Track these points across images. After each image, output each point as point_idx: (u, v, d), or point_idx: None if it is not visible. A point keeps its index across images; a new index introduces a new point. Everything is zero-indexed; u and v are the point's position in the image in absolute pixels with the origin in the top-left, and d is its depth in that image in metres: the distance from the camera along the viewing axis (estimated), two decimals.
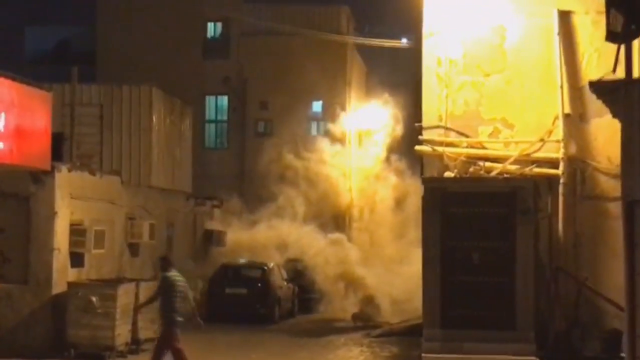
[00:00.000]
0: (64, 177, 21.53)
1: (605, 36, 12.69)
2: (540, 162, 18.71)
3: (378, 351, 23.20)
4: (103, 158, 26.94)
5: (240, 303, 29.20)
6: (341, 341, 25.29)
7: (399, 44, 36.41)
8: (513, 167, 18.67)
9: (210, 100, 42.55)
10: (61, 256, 21.33)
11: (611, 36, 12.60)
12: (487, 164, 18.76)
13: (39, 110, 20.00)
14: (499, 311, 17.30)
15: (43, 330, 20.74)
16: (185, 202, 31.14)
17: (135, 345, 21.33)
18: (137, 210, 26.36)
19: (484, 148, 19.02)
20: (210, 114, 42.59)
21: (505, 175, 18.49)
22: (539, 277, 17.82)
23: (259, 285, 29.79)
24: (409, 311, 27.05)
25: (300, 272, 33.35)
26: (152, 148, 27.62)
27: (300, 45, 40.34)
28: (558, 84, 18.71)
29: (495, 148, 19.00)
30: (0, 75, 18.46)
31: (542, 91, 18.91)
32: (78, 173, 22.53)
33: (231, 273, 30.51)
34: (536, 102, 18.92)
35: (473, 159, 18.85)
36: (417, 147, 19.40)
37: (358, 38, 41.81)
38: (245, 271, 30.72)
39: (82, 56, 41.48)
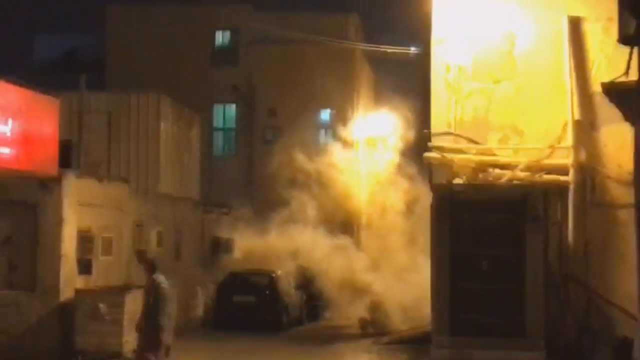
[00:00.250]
0: (72, 185, 21.51)
1: (617, 39, 12.60)
2: (550, 169, 18.56)
3: (386, 359, 23.12)
4: (111, 165, 26.95)
5: (248, 310, 29.13)
6: (350, 348, 25.24)
7: (408, 51, 36.32)
8: (522, 174, 18.52)
9: (218, 108, 42.53)
10: (69, 263, 21.31)
11: (624, 39, 12.52)
12: (497, 171, 18.62)
13: (47, 117, 20.01)
14: (509, 318, 17.17)
15: (50, 337, 20.71)
16: (193, 210, 31.10)
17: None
18: (145, 217, 26.34)
19: (494, 155, 18.88)
20: (218, 122, 42.56)
21: (514, 182, 18.38)
22: (549, 285, 17.68)
23: (267, 292, 29.73)
24: (418, 318, 26.93)
25: (308, 280, 33.26)
26: (160, 155, 27.61)
27: (308, 53, 40.33)
28: (568, 91, 18.57)
29: (504, 155, 18.87)
30: (7, 82, 18.48)
31: (552, 98, 18.78)
32: (86, 180, 22.53)
33: (239, 280, 30.43)
34: (546, 109, 18.78)
35: (482, 166, 18.73)
36: (426, 154, 19.29)
37: (367, 45, 41.76)
38: (253, 279, 30.64)
39: (91, 64, 41.46)
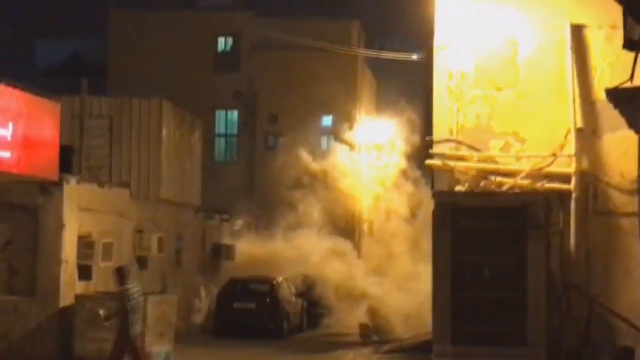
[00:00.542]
0: (73, 190, 21.46)
1: (622, 45, 12.52)
2: (552, 177, 18.49)
3: None
4: (112, 170, 26.83)
5: (248, 318, 29.03)
6: (350, 357, 25.12)
7: (410, 57, 36.32)
8: (525, 182, 18.45)
9: (220, 114, 42.51)
10: (69, 269, 21.25)
11: (629, 44, 12.45)
12: (499, 179, 18.56)
13: (48, 121, 19.95)
14: (510, 327, 17.09)
15: (50, 343, 20.66)
16: (194, 216, 31.03)
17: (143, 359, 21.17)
18: (146, 223, 26.27)
19: (496, 162, 18.82)
20: (220, 128, 42.54)
21: (516, 190, 18.31)
22: (551, 293, 17.59)
23: (268, 300, 29.63)
24: (420, 326, 26.82)
25: (309, 287, 33.16)
26: (162, 161, 27.51)
27: (311, 59, 40.31)
28: (571, 99, 18.51)
29: (506, 162, 18.80)
30: (8, 85, 18.42)
31: (555, 105, 18.71)
32: (87, 185, 22.48)
33: (240, 287, 30.34)
34: (548, 117, 18.71)
35: (484, 174, 18.66)
36: (428, 162, 19.24)
37: (369, 52, 41.73)
38: (254, 286, 30.54)
39: (93, 69, 41.44)
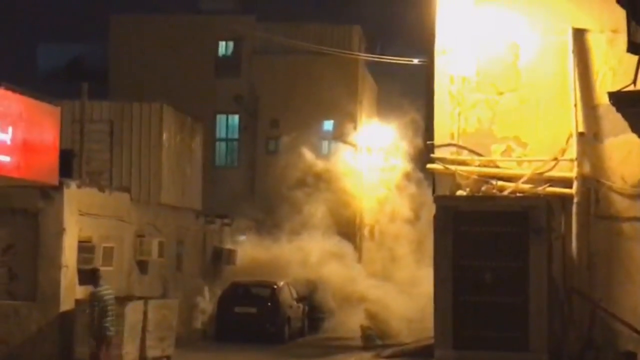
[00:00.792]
0: (73, 194, 21.41)
1: (625, 48, 12.50)
2: (553, 181, 18.48)
3: None
4: (113, 175, 26.77)
5: (249, 322, 28.94)
6: None
7: (411, 62, 36.29)
8: (526, 186, 18.44)
9: (221, 118, 42.45)
10: (69, 273, 21.20)
11: (632, 48, 12.43)
12: (500, 183, 18.54)
13: (48, 125, 19.90)
14: (512, 332, 17.04)
15: (50, 347, 20.60)
16: (195, 220, 30.96)
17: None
18: (147, 227, 26.20)
19: (497, 166, 18.81)
20: (221, 132, 42.46)
21: (518, 194, 18.28)
22: (553, 298, 17.56)
23: (269, 304, 29.55)
24: (422, 330, 26.74)
25: (310, 291, 33.10)
26: (162, 165, 27.45)
27: (312, 64, 40.25)
28: (572, 103, 18.51)
29: (508, 167, 18.79)
30: (8, 89, 18.37)
31: (556, 110, 18.70)
32: (87, 189, 22.43)
33: (241, 291, 30.26)
34: (550, 121, 18.71)
35: (486, 178, 18.64)
36: (429, 165, 19.21)
37: (370, 56, 41.67)
38: (255, 290, 30.47)
39: (95, 73, 41.43)
